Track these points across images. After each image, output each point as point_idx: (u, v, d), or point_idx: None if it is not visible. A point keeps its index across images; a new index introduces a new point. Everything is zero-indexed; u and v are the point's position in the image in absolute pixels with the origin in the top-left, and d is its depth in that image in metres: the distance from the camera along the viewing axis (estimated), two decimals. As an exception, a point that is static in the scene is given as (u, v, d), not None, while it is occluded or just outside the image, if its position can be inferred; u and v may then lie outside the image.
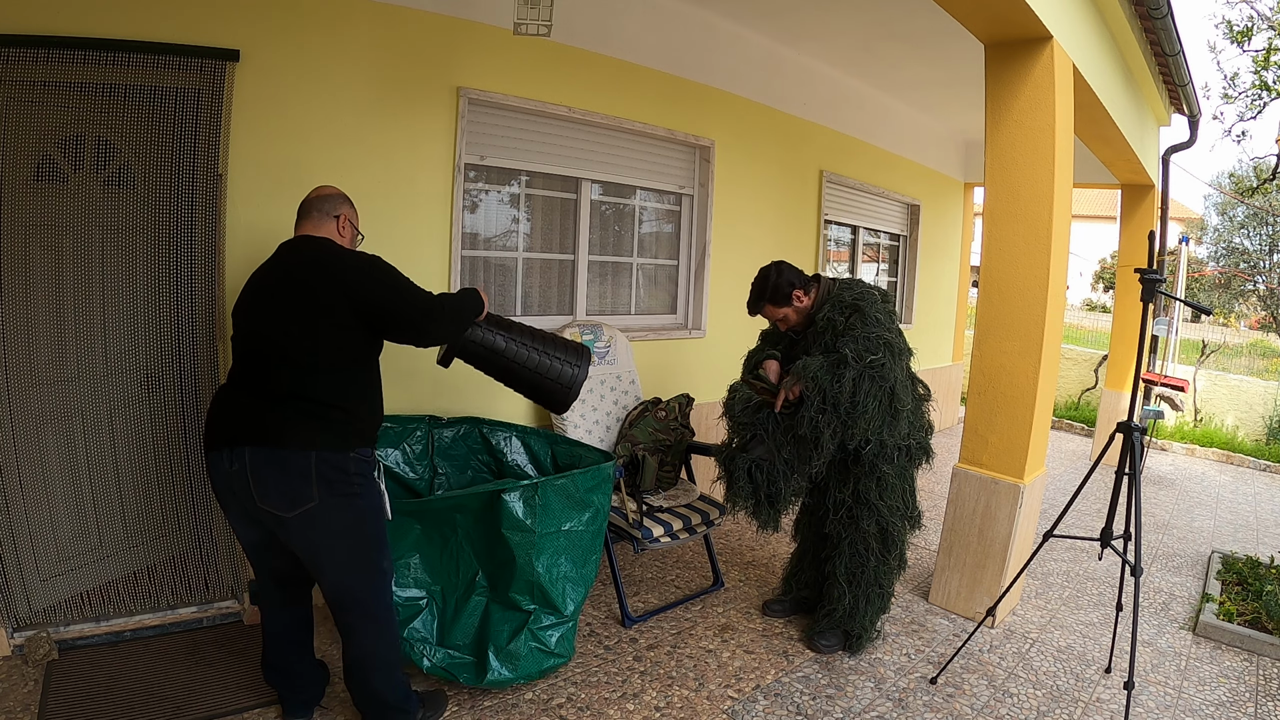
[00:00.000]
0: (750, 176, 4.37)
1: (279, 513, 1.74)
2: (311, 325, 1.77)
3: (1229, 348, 10.50)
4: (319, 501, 1.74)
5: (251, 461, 1.72)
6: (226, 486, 1.79)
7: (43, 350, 2.37)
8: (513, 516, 2.13)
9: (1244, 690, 2.61)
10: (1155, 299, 2.32)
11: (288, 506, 1.73)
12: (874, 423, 2.29)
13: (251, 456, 1.72)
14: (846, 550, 2.59)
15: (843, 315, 2.42)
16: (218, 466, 1.78)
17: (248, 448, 1.73)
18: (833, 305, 2.47)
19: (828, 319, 2.45)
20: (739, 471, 2.50)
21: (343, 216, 1.95)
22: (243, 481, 1.74)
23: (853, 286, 2.51)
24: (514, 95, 3.16)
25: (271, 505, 1.74)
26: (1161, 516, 4.77)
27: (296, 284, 1.79)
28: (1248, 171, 13.28)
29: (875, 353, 2.27)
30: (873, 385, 2.25)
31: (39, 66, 2.09)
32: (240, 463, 1.73)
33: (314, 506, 1.73)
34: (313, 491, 1.73)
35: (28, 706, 2.04)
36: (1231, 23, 7.40)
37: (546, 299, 3.62)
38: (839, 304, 2.46)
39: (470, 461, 2.80)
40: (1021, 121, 2.78)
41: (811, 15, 3.84)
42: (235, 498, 1.79)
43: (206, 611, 2.58)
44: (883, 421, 2.32)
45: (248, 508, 1.79)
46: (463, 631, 2.22)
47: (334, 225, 1.94)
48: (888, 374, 2.27)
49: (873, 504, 2.51)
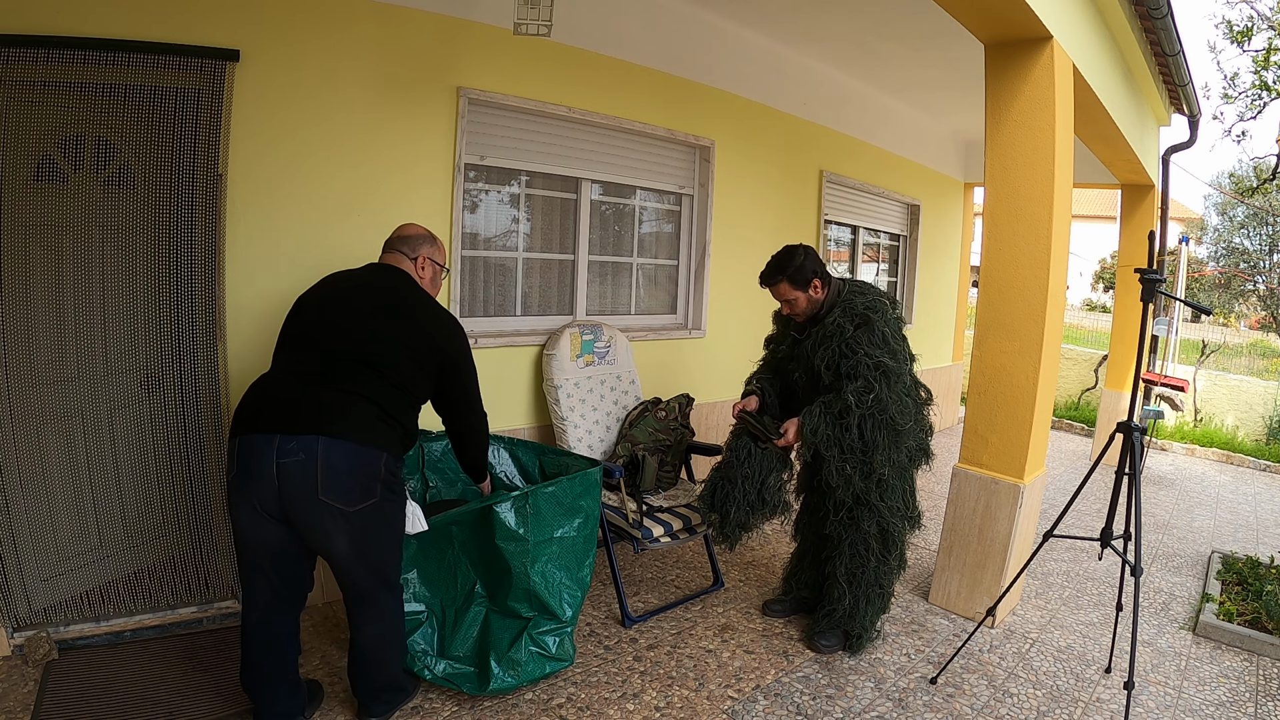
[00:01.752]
0: (750, 176, 4.37)
1: (342, 505, 1.76)
2: (403, 343, 1.93)
3: (1229, 348, 10.51)
4: (379, 498, 1.84)
5: (326, 452, 1.73)
6: (265, 474, 1.72)
7: (43, 350, 2.37)
8: (505, 527, 2.15)
9: (1244, 690, 2.61)
10: (1155, 299, 2.32)
11: (355, 500, 1.79)
12: (886, 451, 2.40)
13: (326, 447, 1.73)
14: (847, 550, 2.59)
15: (851, 324, 2.43)
16: (261, 453, 1.73)
17: (322, 438, 1.73)
18: (844, 311, 2.47)
19: (837, 324, 2.45)
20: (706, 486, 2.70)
21: (421, 257, 2.12)
22: (307, 471, 1.72)
23: (865, 293, 2.52)
24: (514, 95, 3.16)
25: (335, 497, 1.75)
26: (1161, 516, 4.77)
27: (393, 300, 1.98)
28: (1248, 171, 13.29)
29: (871, 389, 2.35)
30: (875, 422, 2.38)
31: (39, 66, 2.09)
32: (309, 452, 1.72)
33: (376, 501, 1.83)
34: (378, 489, 1.83)
35: (28, 707, 2.04)
36: (1231, 23, 7.40)
37: (546, 299, 3.62)
38: (850, 311, 2.46)
39: (460, 474, 2.81)
40: (1021, 121, 2.78)
41: (812, 16, 3.84)
42: (268, 487, 1.73)
43: (206, 611, 2.58)
44: (890, 445, 2.42)
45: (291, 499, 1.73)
46: (463, 642, 2.24)
47: (413, 265, 2.12)
48: (886, 406, 2.37)
49: (873, 504, 2.51)
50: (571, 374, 3.33)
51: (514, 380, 3.34)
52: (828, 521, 2.63)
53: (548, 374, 3.28)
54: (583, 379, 3.38)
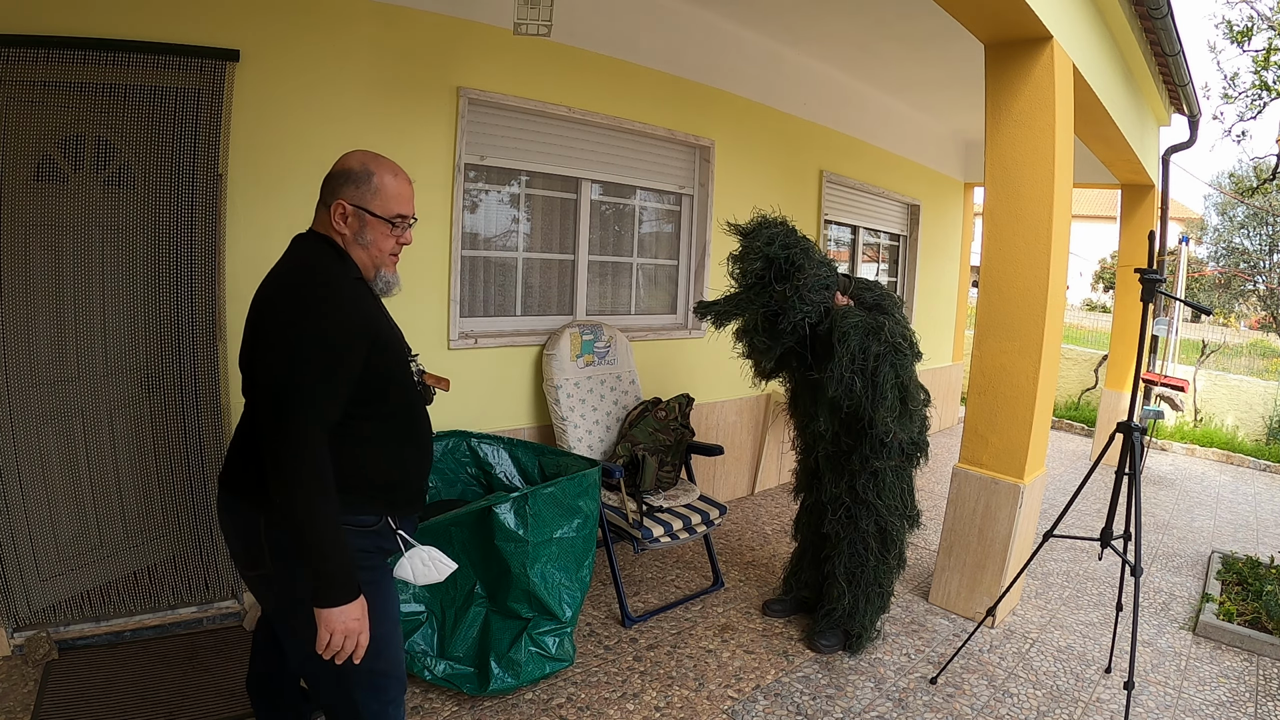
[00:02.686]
0: (750, 176, 4.36)
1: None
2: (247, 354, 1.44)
3: (1229, 348, 10.50)
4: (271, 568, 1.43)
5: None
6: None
7: (43, 350, 2.37)
8: (505, 528, 2.15)
9: (1244, 690, 2.61)
10: (1155, 299, 2.32)
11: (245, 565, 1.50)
12: (893, 411, 2.37)
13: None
14: (846, 550, 2.59)
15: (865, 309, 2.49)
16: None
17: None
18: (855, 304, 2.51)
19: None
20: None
21: (337, 204, 1.43)
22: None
23: (873, 288, 2.56)
24: (514, 95, 3.16)
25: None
26: (1161, 516, 4.77)
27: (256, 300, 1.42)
28: (1248, 171, 13.28)
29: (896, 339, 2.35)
30: (890, 370, 2.34)
31: (39, 66, 2.09)
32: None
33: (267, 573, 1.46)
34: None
35: (28, 707, 2.04)
36: (1231, 23, 7.40)
37: (546, 299, 3.62)
38: (861, 305, 2.50)
39: (460, 474, 2.82)
40: (1022, 121, 2.78)
41: (812, 16, 3.84)
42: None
43: (206, 611, 2.58)
44: (899, 412, 2.39)
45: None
46: (463, 642, 2.24)
47: (326, 216, 1.45)
48: (904, 363, 2.36)
49: (871, 503, 2.51)
50: (571, 374, 3.33)
51: (514, 380, 3.34)
52: (826, 520, 2.63)
53: (548, 374, 3.28)
54: (583, 379, 3.38)
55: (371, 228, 1.46)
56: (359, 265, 1.47)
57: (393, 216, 1.47)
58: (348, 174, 1.46)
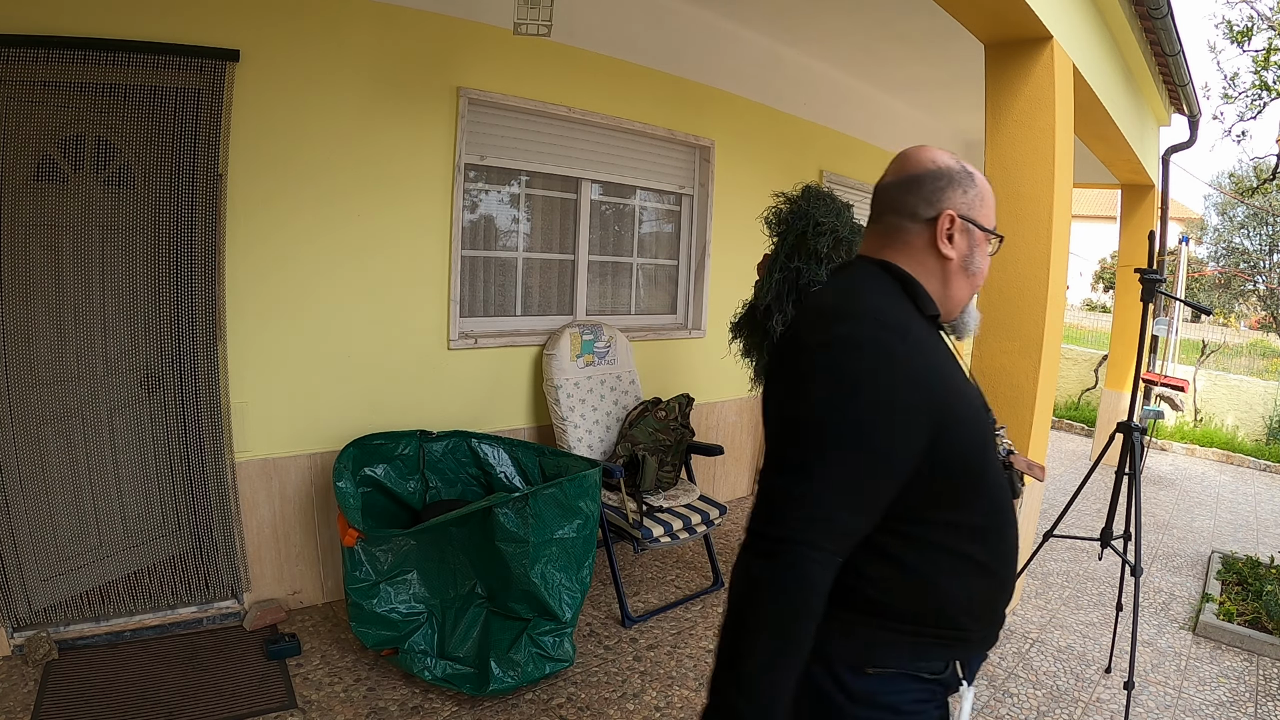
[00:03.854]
0: (750, 176, 4.36)
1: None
2: None
3: (1229, 348, 10.50)
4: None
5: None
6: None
7: (43, 350, 2.37)
8: (505, 529, 2.15)
9: (1244, 690, 2.61)
10: (1155, 299, 2.33)
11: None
12: None
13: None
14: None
15: None
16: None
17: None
18: None
19: None
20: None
21: (945, 215, 1.02)
22: None
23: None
24: (514, 95, 3.16)
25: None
26: (1161, 516, 4.77)
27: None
28: (1248, 171, 13.28)
29: None
30: None
31: (39, 66, 2.09)
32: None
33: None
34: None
35: (28, 707, 2.04)
36: (1231, 23, 7.40)
37: (546, 299, 3.62)
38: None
39: (460, 475, 2.83)
40: (1022, 121, 2.78)
41: (812, 15, 3.84)
42: None
43: (206, 611, 2.58)
44: None
45: None
46: (463, 643, 2.24)
47: (918, 233, 1.04)
48: None
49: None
50: (571, 374, 3.33)
51: (514, 380, 3.34)
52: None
53: (548, 374, 3.28)
54: (583, 379, 3.38)
55: (980, 249, 1.06)
56: (935, 301, 1.03)
57: (995, 231, 1.08)
58: (947, 175, 1.03)
